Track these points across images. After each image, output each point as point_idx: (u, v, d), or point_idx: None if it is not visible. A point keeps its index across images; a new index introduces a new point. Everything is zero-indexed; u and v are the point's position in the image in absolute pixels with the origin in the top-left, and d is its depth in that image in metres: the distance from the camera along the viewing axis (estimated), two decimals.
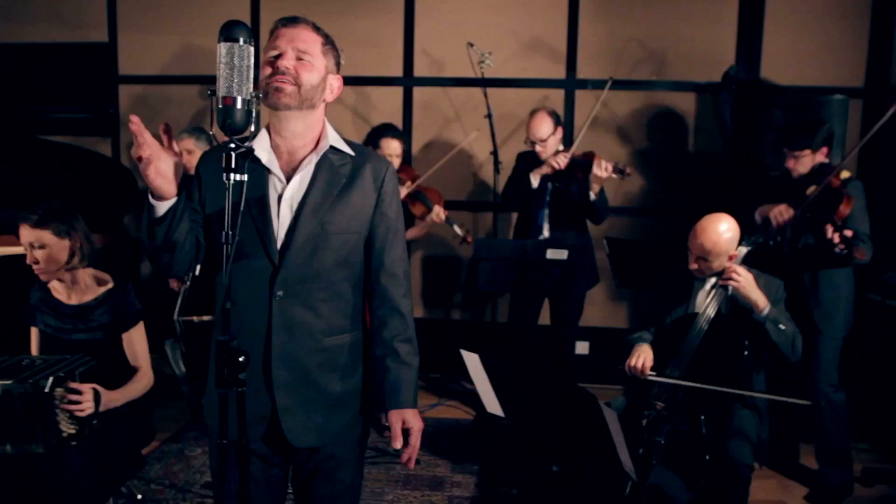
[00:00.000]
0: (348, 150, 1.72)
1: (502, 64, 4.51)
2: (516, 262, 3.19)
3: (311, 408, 1.68)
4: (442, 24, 4.59)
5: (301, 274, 1.64)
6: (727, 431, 2.47)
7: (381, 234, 1.73)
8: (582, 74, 4.52)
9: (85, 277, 2.43)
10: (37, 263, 2.33)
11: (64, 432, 2.11)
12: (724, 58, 4.28)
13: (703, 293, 2.71)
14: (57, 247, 2.33)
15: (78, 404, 2.14)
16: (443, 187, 4.68)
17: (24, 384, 2.04)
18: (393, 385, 1.72)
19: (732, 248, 2.59)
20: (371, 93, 4.74)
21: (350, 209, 1.68)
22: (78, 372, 2.20)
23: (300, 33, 1.60)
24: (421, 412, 4.19)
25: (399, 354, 1.73)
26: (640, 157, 4.52)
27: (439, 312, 4.86)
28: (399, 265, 1.75)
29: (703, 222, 2.61)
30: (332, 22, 4.66)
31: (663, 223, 4.47)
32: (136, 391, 2.37)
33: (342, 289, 1.70)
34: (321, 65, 1.62)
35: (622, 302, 4.58)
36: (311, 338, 1.66)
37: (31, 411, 2.05)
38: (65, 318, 2.39)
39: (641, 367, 2.57)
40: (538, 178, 3.64)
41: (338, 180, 1.68)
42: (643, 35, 4.43)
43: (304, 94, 1.59)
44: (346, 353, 1.73)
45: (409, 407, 1.73)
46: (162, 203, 1.47)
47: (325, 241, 1.65)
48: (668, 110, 4.47)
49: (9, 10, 4.99)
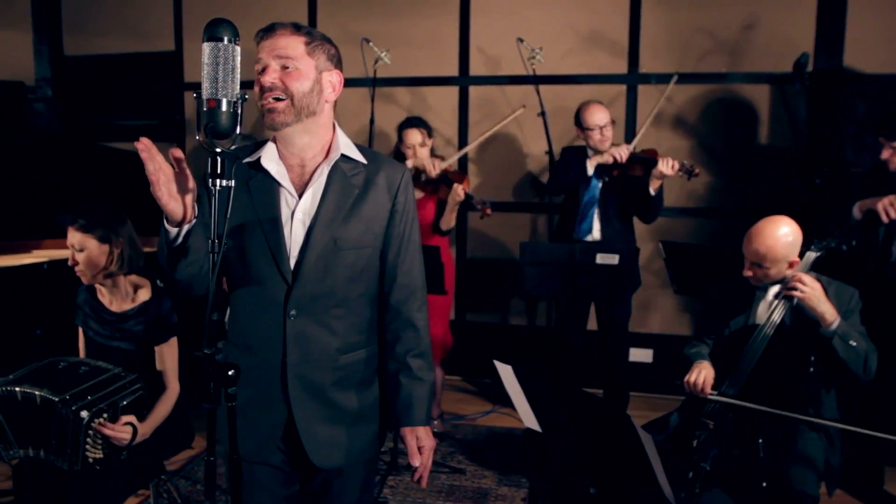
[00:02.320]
0: (360, 157, 1.64)
1: (560, 60, 4.35)
2: (564, 267, 3.03)
3: (333, 428, 1.63)
4: (497, 21, 4.47)
5: (314, 292, 1.58)
6: (789, 456, 2.24)
7: (394, 246, 1.66)
8: (645, 68, 4.29)
9: (125, 284, 2.43)
10: (76, 265, 2.36)
11: (90, 458, 2.12)
12: (801, 45, 3.95)
13: (764, 303, 2.47)
14: (97, 251, 2.34)
15: (112, 433, 2.15)
16: (496, 188, 4.58)
17: (67, 408, 2.05)
18: (405, 402, 1.68)
19: (792, 255, 2.35)
20: (427, 93, 4.66)
21: (363, 222, 1.61)
22: (122, 405, 2.19)
23: (278, 41, 1.52)
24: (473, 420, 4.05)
25: (412, 370, 1.68)
26: (706, 153, 4.25)
27: (490, 316, 4.73)
28: (413, 278, 1.69)
29: (759, 225, 2.38)
30: (388, 23, 4.64)
31: (727, 224, 4.18)
32: (162, 414, 2.35)
33: (357, 304, 1.64)
34: (309, 67, 1.53)
35: (687, 308, 4.31)
36: (326, 356, 1.61)
37: (66, 432, 2.08)
38: (105, 323, 2.42)
39: (702, 385, 2.37)
40: (594, 165, 3.47)
41: (350, 192, 1.60)
42: (711, 24, 4.15)
43: (298, 105, 1.52)
44: (361, 369, 1.68)
45: (422, 424, 1.69)
46: (176, 229, 1.42)
47: (339, 258, 1.58)
48: (739, 103, 4.18)
49: (83, 24, 5.23)
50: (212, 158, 1.31)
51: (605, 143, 3.50)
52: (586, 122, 3.51)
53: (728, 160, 4.21)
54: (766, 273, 2.36)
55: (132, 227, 2.44)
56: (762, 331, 2.38)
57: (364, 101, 4.39)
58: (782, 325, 2.37)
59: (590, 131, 3.50)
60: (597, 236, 3.53)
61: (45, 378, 2.14)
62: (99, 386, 2.18)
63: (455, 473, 3.33)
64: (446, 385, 4.49)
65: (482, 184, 4.64)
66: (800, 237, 2.37)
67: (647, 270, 4.24)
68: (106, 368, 2.27)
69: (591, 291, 3.05)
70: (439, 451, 3.57)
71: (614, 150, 3.43)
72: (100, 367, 2.27)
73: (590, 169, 3.49)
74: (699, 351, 2.53)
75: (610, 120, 3.49)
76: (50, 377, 2.15)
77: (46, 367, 2.22)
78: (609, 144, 3.51)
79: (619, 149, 3.43)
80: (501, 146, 4.55)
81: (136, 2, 5.07)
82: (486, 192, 4.61)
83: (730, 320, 2.52)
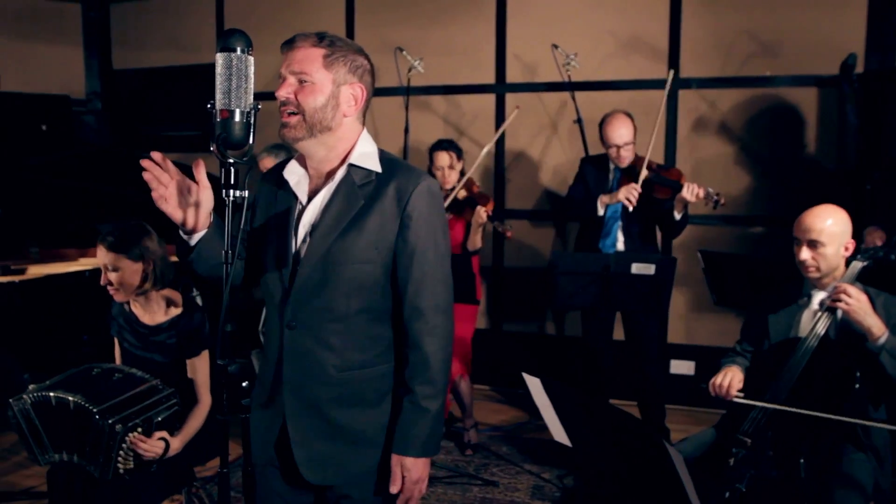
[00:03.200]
0: (376, 167, 1.57)
1: (599, 65, 4.28)
2: (599, 277, 2.96)
3: (324, 443, 1.57)
4: (534, 27, 4.42)
5: (310, 304, 1.54)
6: (833, 477, 2.12)
7: (404, 262, 1.55)
8: (686, 73, 4.18)
9: (158, 298, 2.45)
10: (110, 284, 2.37)
11: (121, 469, 2.15)
12: (851, 46, 3.80)
13: (808, 314, 2.36)
14: (130, 270, 2.34)
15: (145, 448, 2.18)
16: (531, 198, 4.53)
17: (104, 420, 2.09)
18: (403, 428, 1.57)
19: (847, 236, 2.27)
20: (462, 101, 4.65)
21: (364, 236, 1.53)
22: (157, 420, 2.22)
23: (296, 54, 1.50)
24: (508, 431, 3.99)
25: (416, 397, 1.56)
26: (749, 158, 4.11)
27: (526, 326, 4.67)
28: (423, 297, 1.55)
29: (811, 208, 2.33)
30: (424, 31, 4.65)
31: (771, 233, 4.04)
32: (194, 428, 2.36)
33: (357, 320, 1.55)
34: (325, 80, 1.50)
35: (730, 318, 4.17)
36: (321, 370, 1.56)
37: (100, 442, 2.11)
38: (139, 335, 2.44)
39: (727, 388, 2.28)
40: (604, 206, 3.42)
41: (354, 203, 1.53)
42: (755, 26, 4.02)
43: (310, 121, 1.50)
44: (366, 388, 1.59)
45: (414, 455, 1.57)
46: (191, 237, 1.45)
47: (335, 271, 1.52)
48: (784, 107, 4.03)
49: (130, 38, 5.41)
50: (225, 169, 1.31)
51: (623, 161, 3.42)
52: (605, 139, 3.44)
53: (772, 166, 4.07)
54: (822, 254, 2.26)
55: (162, 242, 2.43)
56: (805, 344, 2.27)
57: (401, 109, 4.40)
58: (826, 338, 2.26)
59: (608, 148, 3.44)
60: (621, 250, 3.46)
61: (78, 384, 2.19)
62: (136, 399, 2.21)
63: (487, 486, 3.28)
64: (481, 395, 4.45)
65: (518, 192, 4.60)
66: (850, 223, 2.31)
67: (690, 280, 4.12)
68: (141, 378, 2.30)
69: (624, 302, 2.98)
70: (472, 463, 3.53)
71: (626, 194, 3.29)
72: (134, 376, 2.30)
73: (600, 209, 3.42)
74: (733, 360, 2.46)
75: (631, 138, 3.39)
76: (84, 383, 2.20)
77: (80, 374, 2.27)
78: (628, 161, 3.43)
79: (630, 191, 3.29)
80: (536, 153, 4.50)
81: (181, 16, 5.21)
82: (522, 201, 4.59)
83: (770, 331, 2.42)
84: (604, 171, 3.51)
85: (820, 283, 2.34)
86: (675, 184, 3.25)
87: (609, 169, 3.51)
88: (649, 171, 3.35)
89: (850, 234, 2.30)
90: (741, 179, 4.10)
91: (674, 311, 4.27)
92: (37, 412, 2.16)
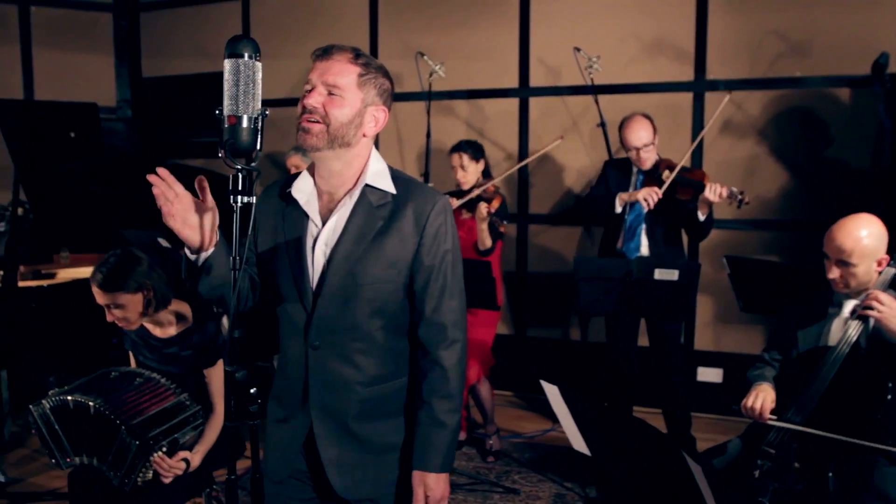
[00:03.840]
0: (391, 188, 1.58)
1: (623, 68, 4.23)
2: (621, 283, 2.91)
3: (359, 458, 1.59)
4: (557, 31, 4.38)
5: (334, 324, 1.55)
6: (864, 492, 2.05)
7: (420, 281, 1.57)
8: (712, 75, 4.11)
9: (166, 315, 2.43)
10: (117, 320, 2.34)
11: (140, 481, 2.17)
12: (885, 45, 3.68)
13: (838, 322, 2.29)
14: (132, 302, 2.30)
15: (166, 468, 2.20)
16: (554, 202, 4.49)
17: (132, 438, 2.11)
18: (422, 444, 1.58)
19: (880, 251, 2.18)
20: (485, 105, 4.62)
21: (384, 257, 1.54)
22: (181, 442, 2.24)
23: (332, 66, 1.49)
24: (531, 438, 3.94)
25: (434, 411, 1.58)
26: (777, 161, 4.01)
27: (550, 331, 4.61)
28: (441, 314, 1.58)
29: (841, 220, 2.23)
30: (447, 36, 4.64)
31: (800, 238, 3.93)
32: (211, 440, 2.36)
33: (380, 338, 1.58)
34: (356, 99, 1.50)
35: (759, 326, 4.07)
36: (348, 389, 1.57)
37: (124, 457, 2.14)
38: (152, 349, 2.44)
39: (760, 410, 2.22)
40: (622, 203, 3.37)
41: (373, 224, 1.54)
42: (784, 26, 3.93)
43: (333, 133, 1.48)
44: (389, 401, 1.62)
45: (435, 471, 1.58)
46: (197, 256, 1.43)
47: (357, 292, 1.54)
48: (815, 108, 3.93)
49: (159, 47, 5.50)
50: (233, 175, 1.31)
51: (644, 164, 3.38)
52: (624, 141, 3.40)
53: (802, 169, 3.97)
54: (853, 273, 2.18)
55: (151, 263, 2.38)
56: (834, 353, 2.20)
57: (423, 114, 4.39)
58: (857, 347, 2.19)
59: (627, 151, 3.39)
60: (645, 254, 3.39)
61: (97, 388, 2.22)
62: (163, 417, 2.22)
63: (509, 494, 3.25)
64: (505, 401, 4.41)
65: (542, 196, 4.56)
66: (885, 233, 2.21)
67: (717, 286, 4.04)
68: (167, 388, 2.30)
69: (647, 308, 2.92)
70: (494, 470, 3.49)
71: (645, 196, 3.26)
72: (158, 384, 2.30)
73: (618, 206, 3.38)
74: (762, 373, 2.38)
75: (651, 139, 3.35)
76: (102, 387, 2.22)
77: (99, 378, 2.30)
78: (650, 164, 3.38)
79: (650, 193, 3.25)
80: (561, 157, 4.45)
81: (208, 24, 5.28)
82: (545, 205, 4.54)
83: (799, 341, 2.35)
84: (626, 174, 3.46)
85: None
86: (699, 184, 3.20)
87: (632, 171, 3.47)
88: (671, 171, 3.29)
89: (885, 247, 2.21)
90: (770, 183, 4.01)
91: (701, 318, 4.19)
92: (56, 416, 2.18)
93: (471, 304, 3.28)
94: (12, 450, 3.67)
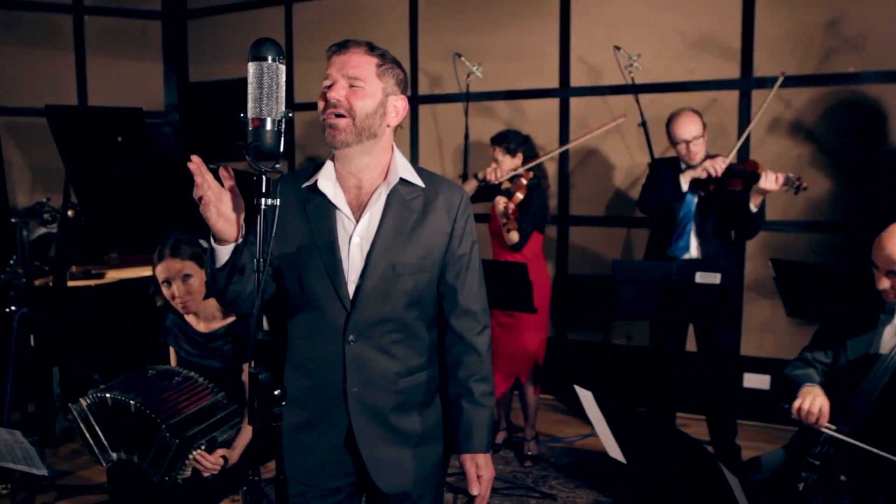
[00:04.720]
0: (419, 180, 1.61)
1: (667, 66, 4.14)
2: (661, 286, 2.84)
3: (398, 451, 1.62)
4: (598, 29, 4.31)
5: (373, 317, 1.56)
6: None
7: (454, 270, 1.63)
8: (760, 72, 3.98)
9: (212, 307, 2.47)
10: (180, 296, 2.37)
11: (179, 479, 2.21)
12: None
13: (890, 329, 2.18)
14: (200, 276, 2.36)
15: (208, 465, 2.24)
16: (595, 203, 4.42)
17: (173, 437, 2.15)
18: (466, 427, 1.65)
19: None
20: (525, 106, 4.58)
21: (422, 247, 1.58)
22: (220, 440, 2.28)
23: (350, 58, 1.51)
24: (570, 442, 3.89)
25: (474, 395, 1.66)
26: (828, 160, 3.86)
27: (591, 335, 4.54)
28: (473, 301, 1.66)
29: (892, 226, 2.12)
30: (488, 36, 4.62)
31: (851, 240, 3.77)
32: (248, 438, 2.37)
33: (415, 328, 1.62)
34: (376, 89, 1.51)
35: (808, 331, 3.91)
36: (386, 381, 1.59)
37: (164, 455, 2.17)
38: (195, 343, 2.48)
39: (817, 415, 2.06)
40: (688, 180, 3.25)
41: (409, 216, 1.57)
42: (836, 20, 3.79)
43: (359, 125, 1.49)
44: (422, 391, 1.66)
45: (482, 451, 1.65)
46: (224, 248, 1.44)
47: (397, 284, 1.56)
48: (868, 105, 3.77)
49: (206, 52, 5.64)
50: (257, 177, 1.32)
51: (693, 158, 3.27)
52: (672, 135, 3.31)
53: (853, 168, 3.81)
54: None
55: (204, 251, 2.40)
56: (886, 361, 2.10)
57: (462, 115, 4.38)
58: None
59: (676, 145, 3.30)
60: (695, 254, 3.27)
61: (135, 386, 2.26)
62: (202, 416, 2.25)
63: (545, 499, 3.20)
64: (544, 404, 4.35)
65: (583, 198, 4.49)
66: None
67: (765, 290, 3.91)
68: (204, 387, 2.32)
69: (689, 313, 2.84)
70: (531, 475, 3.45)
71: (709, 163, 3.19)
72: (196, 382, 2.33)
73: (684, 185, 3.26)
74: (807, 374, 2.24)
75: (700, 133, 3.26)
76: (140, 385, 2.26)
77: (136, 376, 2.34)
78: (700, 158, 3.27)
79: (715, 161, 3.18)
80: (602, 157, 4.38)
81: (252, 29, 5.37)
82: (587, 206, 4.48)
83: (848, 348, 2.24)
84: (676, 170, 3.36)
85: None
86: (752, 173, 3.08)
87: (681, 169, 3.37)
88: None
89: None
90: (820, 183, 3.86)
91: (747, 323, 4.07)
92: (94, 414, 2.23)
93: (506, 307, 3.29)
94: (63, 444, 3.79)
